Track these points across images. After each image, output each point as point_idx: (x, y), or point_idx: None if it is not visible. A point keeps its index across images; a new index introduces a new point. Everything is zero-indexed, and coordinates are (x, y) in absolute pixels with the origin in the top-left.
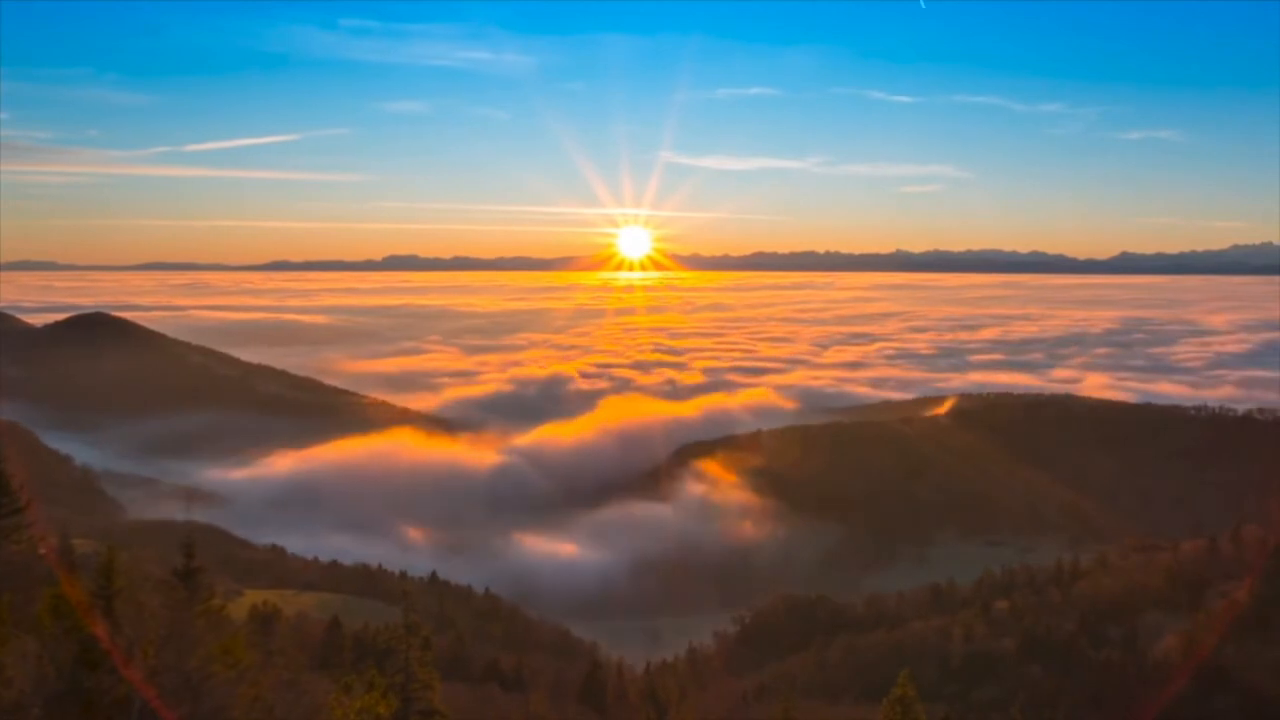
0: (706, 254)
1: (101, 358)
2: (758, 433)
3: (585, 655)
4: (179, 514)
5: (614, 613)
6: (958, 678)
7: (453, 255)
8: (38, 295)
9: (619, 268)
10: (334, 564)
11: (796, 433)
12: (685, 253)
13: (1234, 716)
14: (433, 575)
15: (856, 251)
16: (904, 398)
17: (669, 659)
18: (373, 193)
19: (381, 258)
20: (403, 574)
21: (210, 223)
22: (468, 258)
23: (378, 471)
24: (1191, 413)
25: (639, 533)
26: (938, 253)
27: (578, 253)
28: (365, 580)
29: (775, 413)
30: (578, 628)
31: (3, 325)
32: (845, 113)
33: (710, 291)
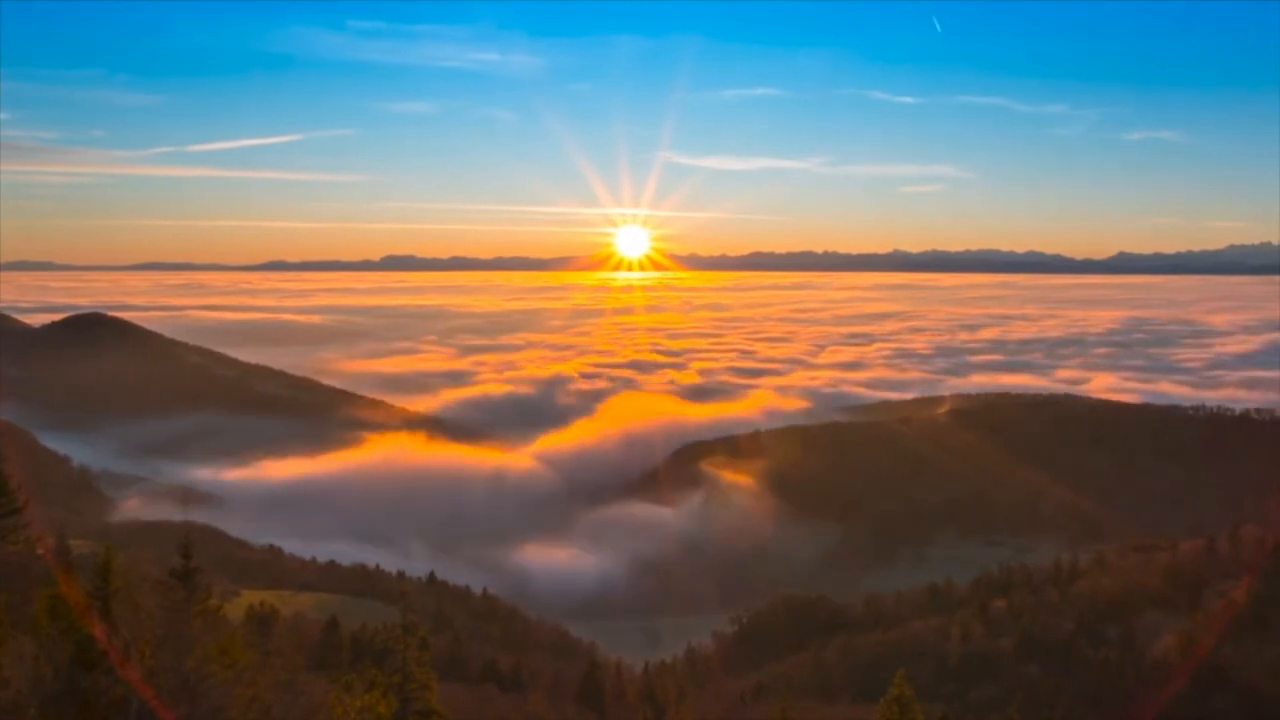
0: (704, 254)
1: (99, 358)
2: (756, 433)
3: (583, 655)
4: (176, 514)
5: (612, 613)
6: (955, 677)
7: (450, 255)
8: (34, 295)
9: (617, 268)
10: (331, 564)
11: (795, 433)
12: (683, 252)
13: (1232, 716)
14: (430, 575)
15: (854, 252)
16: (902, 398)
17: (667, 659)
18: (375, 193)
19: (379, 258)
20: (400, 574)
21: (212, 223)
22: (465, 258)
23: (376, 472)
24: (1190, 413)
25: (637, 533)
26: (935, 253)
27: (576, 253)
28: (363, 580)
29: (774, 413)
30: (576, 628)
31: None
32: (849, 113)
33: (708, 291)
